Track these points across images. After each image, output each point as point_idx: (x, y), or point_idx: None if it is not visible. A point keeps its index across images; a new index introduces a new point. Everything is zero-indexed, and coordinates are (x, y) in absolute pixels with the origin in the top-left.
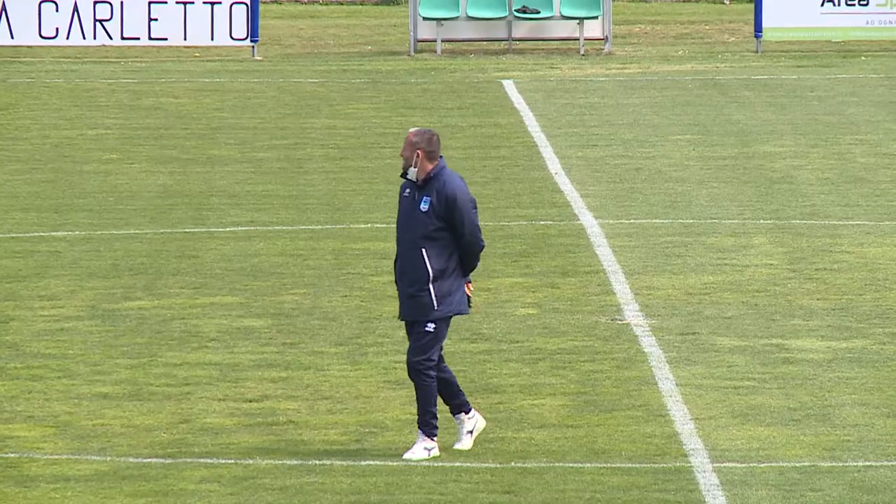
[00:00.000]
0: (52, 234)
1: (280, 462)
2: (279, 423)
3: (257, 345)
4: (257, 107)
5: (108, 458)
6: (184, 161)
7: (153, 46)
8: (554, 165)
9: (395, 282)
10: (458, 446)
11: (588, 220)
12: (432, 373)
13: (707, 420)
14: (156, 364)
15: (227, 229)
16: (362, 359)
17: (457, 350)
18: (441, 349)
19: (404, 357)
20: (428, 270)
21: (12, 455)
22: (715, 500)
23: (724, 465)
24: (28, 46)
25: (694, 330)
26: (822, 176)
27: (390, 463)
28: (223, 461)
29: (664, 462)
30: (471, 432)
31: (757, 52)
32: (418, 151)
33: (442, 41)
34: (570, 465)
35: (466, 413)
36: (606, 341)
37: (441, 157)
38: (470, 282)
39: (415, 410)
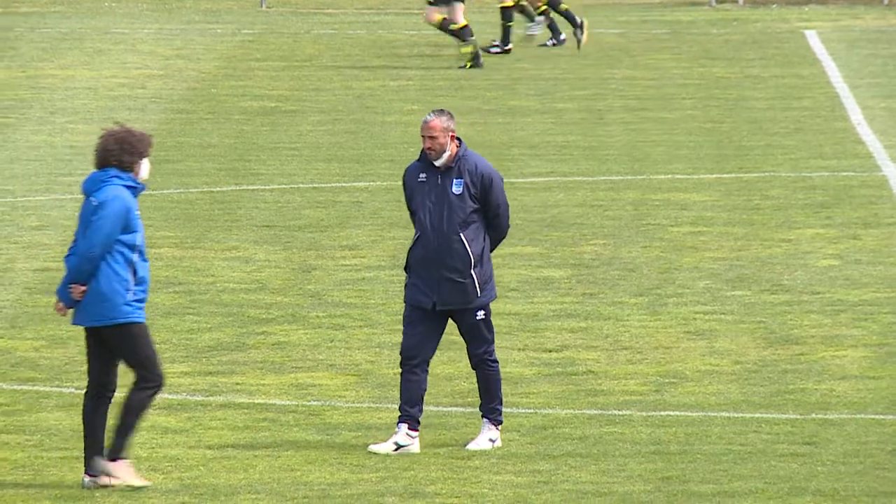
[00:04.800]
0: (354, 184)
1: (579, 412)
2: (578, 373)
3: (557, 295)
4: (557, 57)
5: None
6: (484, 112)
7: None
8: (856, 116)
9: (409, 269)
10: (374, 448)
11: (891, 171)
12: (495, 358)
13: None
14: None
15: (527, 180)
16: (662, 309)
17: (757, 301)
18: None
19: (706, 307)
20: (469, 256)
21: (315, 403)
22: None
23: None
24: None
25: None
26: None
27: (690, 413)
28: (522, 410)
29: None
30: (399, 445)
31: None
32: (451, 134)
33: None
34: (872, 416)
35: (413, 430)
36: None
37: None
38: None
39: (714, 361)
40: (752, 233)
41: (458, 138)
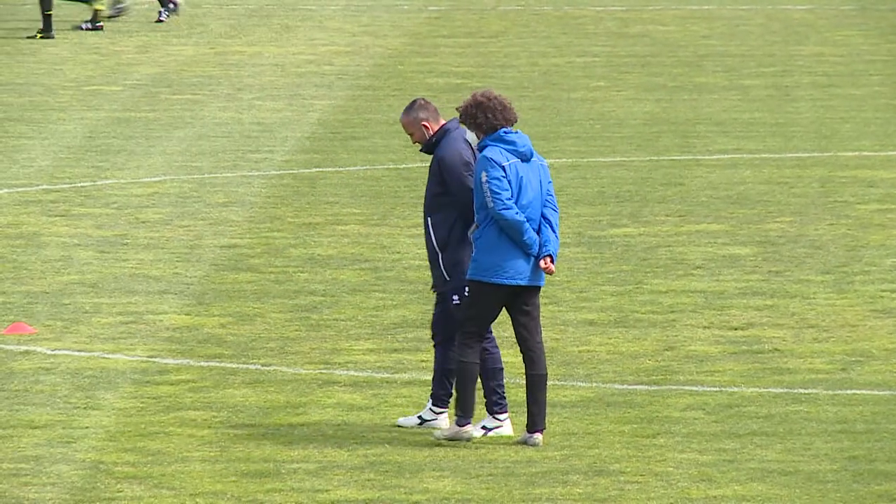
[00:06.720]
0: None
1: (765, 390)
2: (764, 352)
3: (742, 272)
4: (745, 34)
5: (594, 385)
6: (671, 88)
7: None
8: None
9: None
10: (401, 421)
11: None
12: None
13: None
14: (641, 291)
15: (714, 157)
16: (849, 287)
17: None
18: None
19: (893, 286)
20: (433, 241)
21: None
22: None
23: None
24: None
25: None
26: None
27: (877, 392)
28: (708, 389)
29: None
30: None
31: None
32: (424, 123)
33: None
34: None
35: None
36: None
37: (449, 120)
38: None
39: None
40: None
41: (448, 120)
